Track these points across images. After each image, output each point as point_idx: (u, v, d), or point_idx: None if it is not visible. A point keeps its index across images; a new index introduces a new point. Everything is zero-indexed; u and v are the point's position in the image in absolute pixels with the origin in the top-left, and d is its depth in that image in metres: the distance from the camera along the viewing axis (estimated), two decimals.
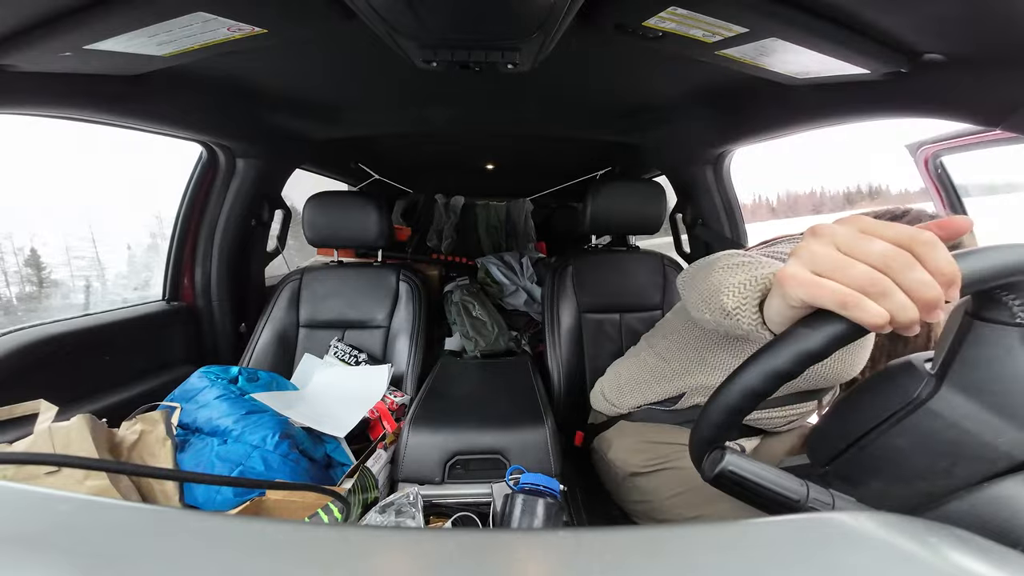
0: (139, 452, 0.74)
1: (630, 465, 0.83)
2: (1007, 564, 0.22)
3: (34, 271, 1.45)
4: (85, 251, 1.65)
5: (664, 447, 0.81)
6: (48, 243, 1.56)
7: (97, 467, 0.29)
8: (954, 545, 0.23)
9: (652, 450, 0.82)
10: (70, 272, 1.58)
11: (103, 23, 0.60)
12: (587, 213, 1.22)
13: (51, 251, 1.55)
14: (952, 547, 0.23)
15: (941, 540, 0.23)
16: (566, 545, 0.23)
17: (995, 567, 0.21)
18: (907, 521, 0.25)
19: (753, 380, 0.33)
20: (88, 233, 1.67)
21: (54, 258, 1.55)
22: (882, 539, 0.22)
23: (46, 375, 0.86)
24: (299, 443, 0.87)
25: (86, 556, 0.20)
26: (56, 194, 1.54)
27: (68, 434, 0.66)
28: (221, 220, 1.29)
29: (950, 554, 0.22)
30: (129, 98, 0.87)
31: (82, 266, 1.61)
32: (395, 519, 0.68)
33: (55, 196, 1.54)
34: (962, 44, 0.57)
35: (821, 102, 0.86)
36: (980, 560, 0.22)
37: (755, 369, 0.33)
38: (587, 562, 0.21)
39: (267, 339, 1.23)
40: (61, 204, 1.60)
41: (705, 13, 0.61)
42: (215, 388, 0.89)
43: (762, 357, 0.33)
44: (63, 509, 0.23)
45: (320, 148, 1.43)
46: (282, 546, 0.22)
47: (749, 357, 0.34)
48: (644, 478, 0.82)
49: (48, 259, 1.54)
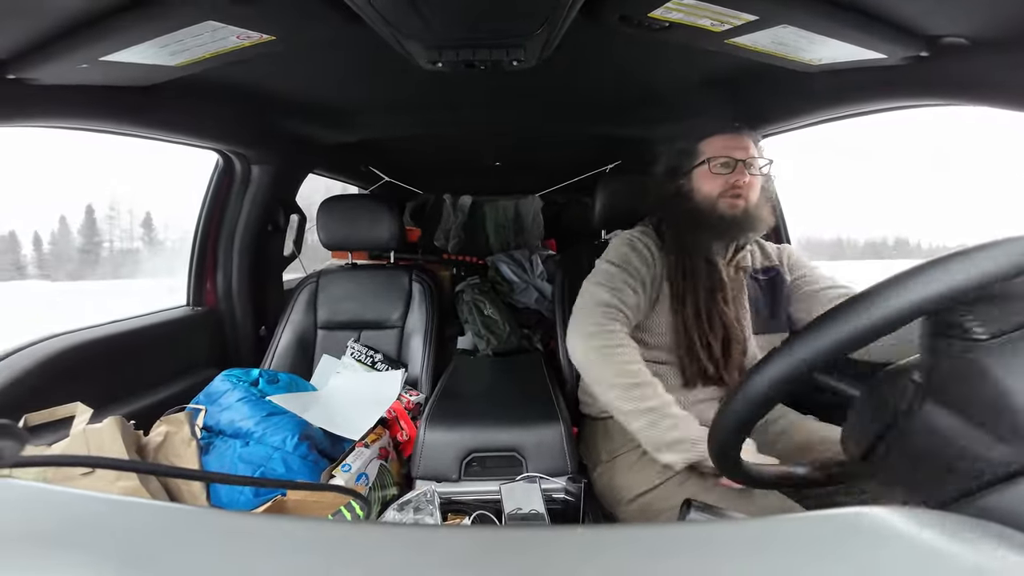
0: (165, 453, 0.77)
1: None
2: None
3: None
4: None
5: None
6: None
7: (128, 468, 0.31)
8: (995, 542, 0.22)
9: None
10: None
11: (119, 34, 0.62)
12: (597, 208, 1.21)
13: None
14: (992, 544, 0.22)
15: (979, 536, 0.22)
16: (584, 542, 0.23)
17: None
18: (939, 516, 0.24)
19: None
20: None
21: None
22: (912, 536, 0.22)
23: (79, 381, 0.89)
24: (318, 443, 0.89)
25: (121, 554, 0.21)
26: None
27: (101, 436, 0.69)
28: (239, 226, 1.32)
29: (990, 552, 0.21)
30: (145, 108, 0.89)
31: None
32: (413, 516, 0.69)
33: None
34: (985, 26, 0.55)
35: (838, 89, 0.84)
36: (1016, 554, 0.21)
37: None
38: (606, 560, 0.21)
39: (287, 342, 1.25)
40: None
41: (712, 2, 0.60)
42: (237, 391, 0.92)
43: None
44: (99, 509, 0.25)
45: (331, 152, 1.46)
46: (307, 543, 0.22)
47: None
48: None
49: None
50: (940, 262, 0.30)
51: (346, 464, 0.82)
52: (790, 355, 0.35)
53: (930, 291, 0.30)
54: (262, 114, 1.13)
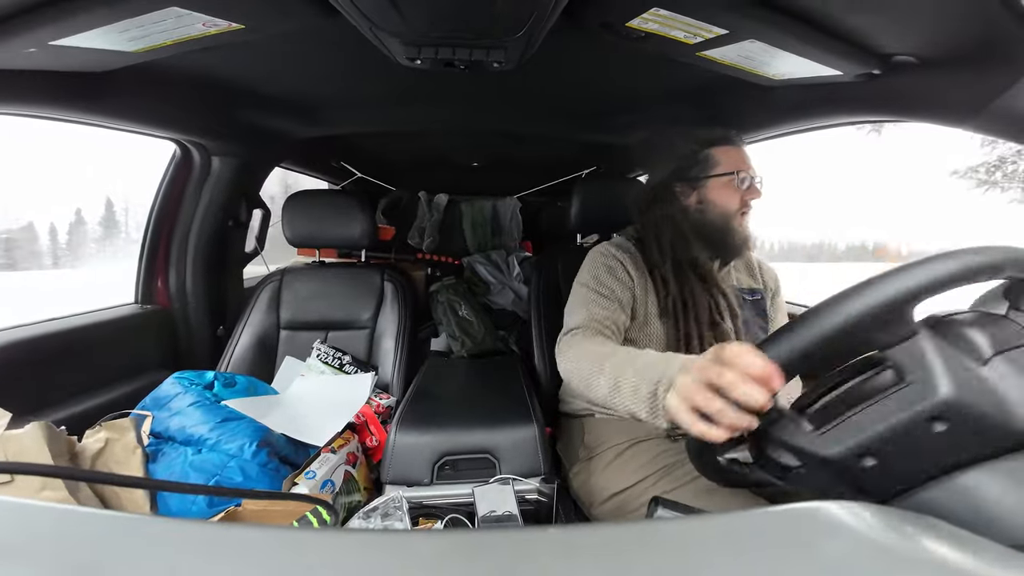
0: (105, 462, 0.70)
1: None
2: (981, 552, 0.22)
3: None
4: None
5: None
6: None
7: (55, 474, 0.28)
8: (930, 534, 0.23)
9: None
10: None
11: (71, 18, 0.57)
12: (573, 211, 1.23)
13: None
14: (928, 536, 0.23)
15: (918, 530, 0.24)
16: (556, 542, 0.23)
17: (969, 555, 0.22)
18: (884, 511, 0.25)
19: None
20: None
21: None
22: (860, 529, 0.23)
23: (10, 383, 0.81)
24: (279, 450, 0.84)
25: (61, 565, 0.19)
26: None
27: (21, 442, 0.62)
28: (196, 220, 1.25)
29: (926, 543, 0.23)
30: (97, 95, 0.83)
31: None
32: (381, 523, 0.67)
33: None
34: (930, 46, 0.59)
35: (798, 104, 0.89)
36: (955, 549, 0.23)
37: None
38: (578, 558, 0.21)
39: (246, 343, 1.19)
40: None
41: (686, 15, 0.62)
42: (189, 394, 0.85)
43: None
44: (36, 518, 0.22)
45: (301, 146, 1.40)
46: (268, 551, 0.21)
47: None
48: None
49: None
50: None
51: (310, 471, 0.78)
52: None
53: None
54: (225, 104, 1.07)
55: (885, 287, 0.35)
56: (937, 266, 0.35)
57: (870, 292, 0.36)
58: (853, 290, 0.37)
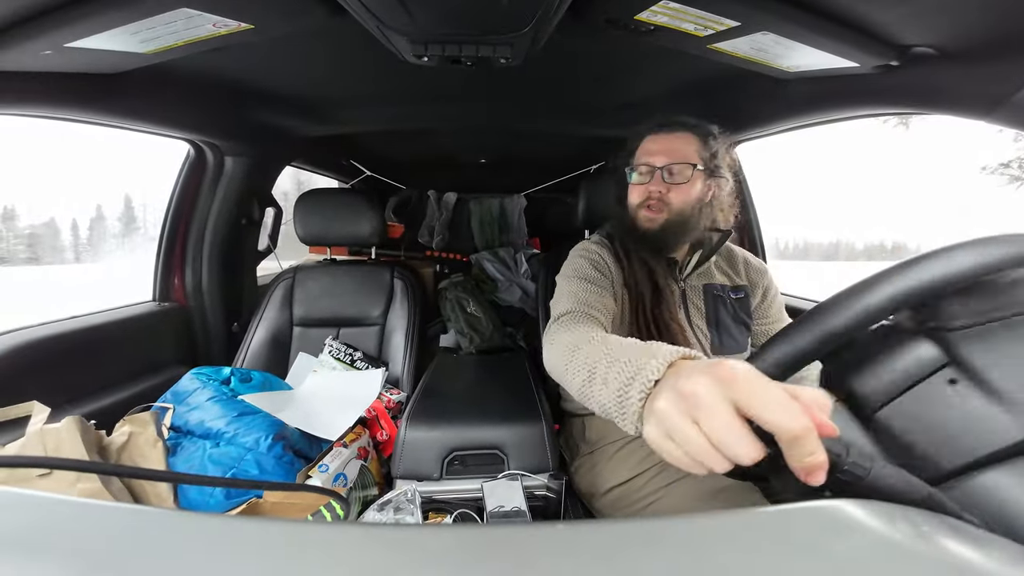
0: (129, 455, 0.73)
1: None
2: (999, 553, 0.22)
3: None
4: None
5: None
6: None
7: (91, 469, 0.29)
8: (947, 534, 0.23)
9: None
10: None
11: (84, 20, 0.59)
12: (580, 208, 1.22)
13: None
14: (945, 536, 0.23)
15: (934, 529, 0.23)
16: (565, 538, 0.23)
17: (986, 556, 0.22)
18: (901, 510, 0.25)
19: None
20: None
21: None
22: (877, 528, 0.23)
23: (37, 379, 0.84)
24: (294, 444, 0.86)
25: (87, 558, 0.20)
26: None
27: (59, 436, 0.65)
28: (211, 219, 1.27)
29: (943, 543, 0.22)
30: (111, 96, 0.85)
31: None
32: (394, 516, 0.68)
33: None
34: (950, 37, 0.58)
35: (812, 96, 0.87)
36: (972, 548, 0.22)
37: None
38: (586, 555, 0.21)
39: (261, 339, 1.21)
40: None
41: (697, 7, 0.61)
42: (207, 389, 0.88)
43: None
44: (61, 512, 0.23)
45: (311, 145, 1.42)
46: (285, 545, 0.22)
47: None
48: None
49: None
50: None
51: (323, 464, 0.79)
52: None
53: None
54: (236, 104, 1.08)
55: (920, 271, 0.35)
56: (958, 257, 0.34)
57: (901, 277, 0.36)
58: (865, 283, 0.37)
